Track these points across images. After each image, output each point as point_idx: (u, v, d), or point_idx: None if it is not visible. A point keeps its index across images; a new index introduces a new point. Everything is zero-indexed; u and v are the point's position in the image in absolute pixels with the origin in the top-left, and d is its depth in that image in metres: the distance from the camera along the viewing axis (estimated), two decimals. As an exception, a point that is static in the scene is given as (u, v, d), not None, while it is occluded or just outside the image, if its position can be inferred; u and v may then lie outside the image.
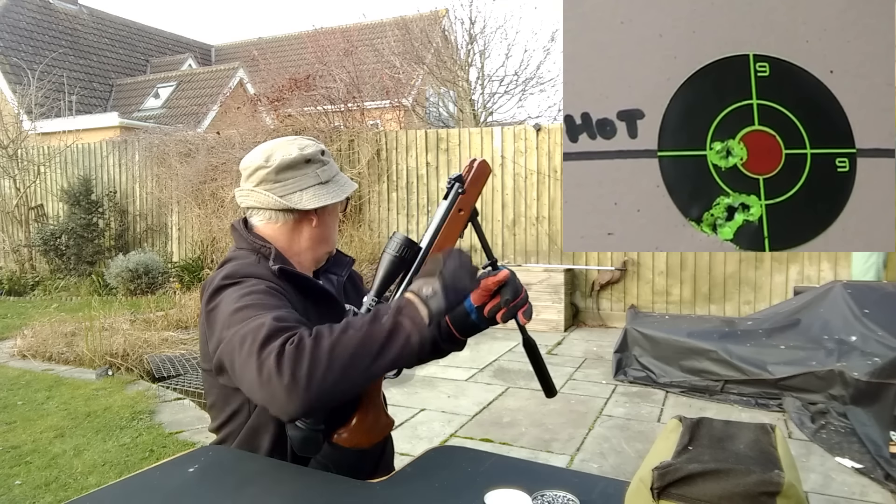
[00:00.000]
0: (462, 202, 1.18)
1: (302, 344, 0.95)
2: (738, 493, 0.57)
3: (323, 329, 0.99)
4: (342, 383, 0.95)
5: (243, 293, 1.12)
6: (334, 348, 0.96)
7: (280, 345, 0.95)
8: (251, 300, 1.09)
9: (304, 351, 0.94)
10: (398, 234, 1.16)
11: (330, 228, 1.35)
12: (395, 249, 1.14)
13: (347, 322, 1.01)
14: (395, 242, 1.14)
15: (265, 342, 0.97)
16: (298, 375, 0.93)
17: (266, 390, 0.94)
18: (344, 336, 0.98)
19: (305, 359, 0.94)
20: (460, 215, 1.19)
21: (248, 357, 0.97)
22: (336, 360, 0.95)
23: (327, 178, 1.31)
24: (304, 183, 1.29)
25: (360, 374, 0.97)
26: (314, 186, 1.29)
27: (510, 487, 0.91)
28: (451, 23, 10.75)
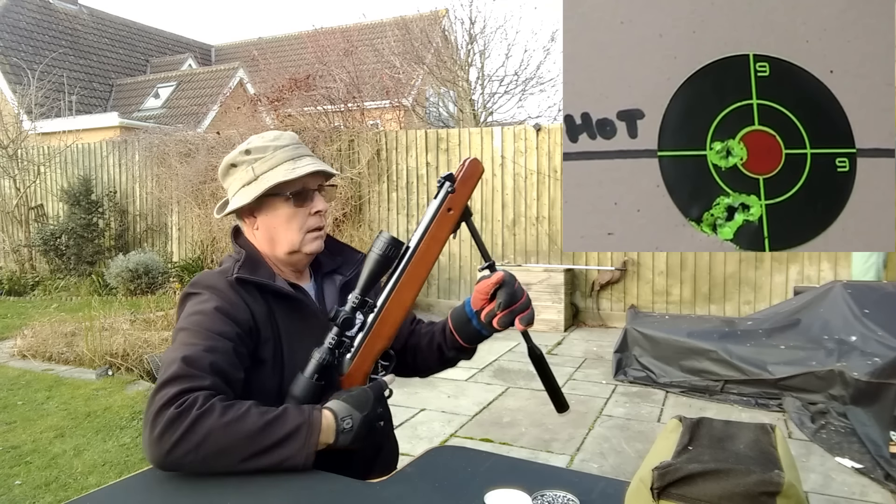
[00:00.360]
0: (452, 201, 1.16)
1: (184, 415, 0.98)
2: (738, 493, 0.57)
3: (216, 407, 1.01)
4: (201, 466, 0.99)
5: (192, 311, 1.17)
6: (210, 435, 0.98)
7: (170, 398, 1.00)
8: (191, 322, 1.14)
9: (182, 423, 0.98)
10: (384, 233, 1.16)
11: (274, 229, 1.27)
12: (381, 249, 1.13)
13: (247, 410, 1.02)
14: (381, 242, 1.14)
15: (163, 385, 1.03)
16: (165, 440, 0.98)
17: (144, 428, 1.01)
18: (228, 428, 0.99)
19: (179, 431, 0.98)
20: (450, 215, 1.16)
21: (152, 391, 1.04)
22: (206, 447, 0.98)
23: (250, 179, 1.26)
24: (235, 187, 1.29)
25: (224, 466, 1.00)
26: (241, 190, 1.27)
27: (510, 487, 0.91)
28: (451, 23, 10.75)
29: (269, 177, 1.24)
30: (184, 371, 1.04)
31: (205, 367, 1.06)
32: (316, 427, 1.03)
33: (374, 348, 1.16)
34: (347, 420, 1.06)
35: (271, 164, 1.25)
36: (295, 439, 1.01)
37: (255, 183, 1.25)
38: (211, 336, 1.12)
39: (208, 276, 1.24)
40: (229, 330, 1.14)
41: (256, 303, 1.20)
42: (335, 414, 1.06)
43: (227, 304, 1.17)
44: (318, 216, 1.28)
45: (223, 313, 1.15)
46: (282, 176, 1.23)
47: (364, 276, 1.14)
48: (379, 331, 1.16)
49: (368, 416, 1.08)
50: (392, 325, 1.17)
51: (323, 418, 1.05)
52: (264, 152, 1.26)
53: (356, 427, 1.06)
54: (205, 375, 1.05)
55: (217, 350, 1.10)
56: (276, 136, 1.30)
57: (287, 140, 1.29)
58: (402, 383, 1.38)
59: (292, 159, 1.26)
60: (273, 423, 1.01)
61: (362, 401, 1.09)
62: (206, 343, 1.10)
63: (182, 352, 1.08)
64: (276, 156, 1.26)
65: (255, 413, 1.02)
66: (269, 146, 1.27)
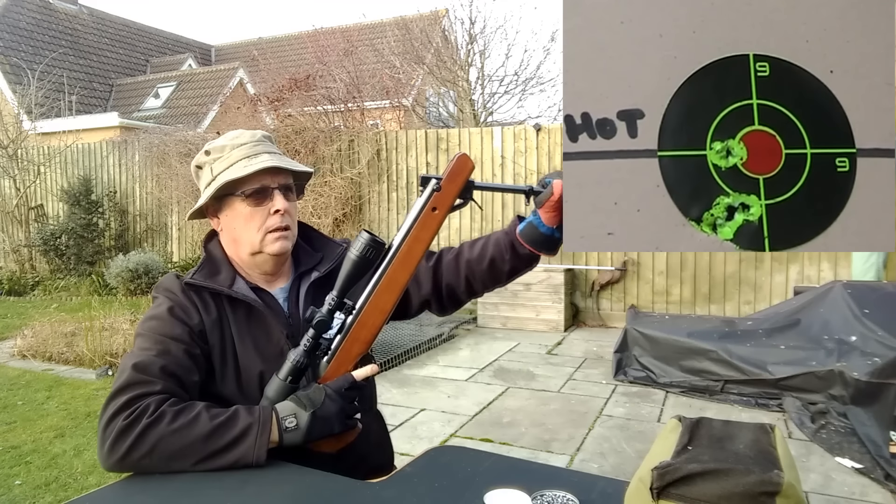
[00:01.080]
0: (437, 200, 1.11)
1: (134, 424, 1.01)
2: (738, 493, 0.57)
3: (165, 414, 1.03)
4: (155, 469, 1.02)
5: (148, 315, 1.19)
6: (160, 442, 1.01)
7: (119, 407, 1.03)
8: (146, 328, 1.16)
9: (132, 433, 1.01)
10: (364, 233, 1.10)
11: (235, 230, 1.24)
12: (359, 250, 1.09)
13: (197, 415, 1.04)
14: (360, 243, 1.09)
15: (114, 395, 1.05)
16: (116, 450, 1.01)
17: (98, 438, 1.04)
18: (178, 434, 1.01)
19: (128, 440, 1.00)
20: (434, 214, 1.11)
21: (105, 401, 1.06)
22: (157, 453, 1.01)
23: (209, 180, 1.24)
24: (202, 187, 1.27)
25: (178, 469, 1.02)
26: (204, 191, 1.25)
27: (510, 487, 0.91)
28: (451, 23, 10.75)
29: (224, 176, 1.21)
30: (134, 378, 1.06)
31: (156, 373, 1.08)
32: (266, 426, 1.04)
33: (351, 352, 1.12)
34: (290, 419, 1.05)
35: (227, 162, 1.22)
36: (245, 440, 1.02)
37: (214, 183, 1.22)
38: (163, 340, 1.13)
39: (167, 279, 1.25)
40: (181, 332, 1.15)
41: (207, 308, 1.20)
42: (277, 415, 1.06)
43: (179, 308, 1.18)
44: (279, 215, 1.23)
45: (175, 316, 1.16)
46: (233, 174, 1.19)
47: (341, 277, 1.10)
48: (357, 334, 1.12)
49: (322, 413, 1.06)
50: (371, 328, 1.12)
51: (272, 417, 1.06)
52: (222, 151, 1.24)
53: (304, 425, 1.05)
54: (156, 381, 1.07)
55: (169, 353, 1.11)
56: (235, 136, 1.27)
57: (246, 138, 1.26)
58: (402, 383, 1.38)
59: (248, 157, 1.22)
60: (223, 427, 1.03)
61: (313, 398, 1.07)
62: (158, 348, 1.12)
63: (134, 359, 1.10)
64: (233, 154, 1.23)
65: (206, 417, 1.04)
66: (227, 145, 1.25)
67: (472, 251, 1.28)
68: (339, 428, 1.08)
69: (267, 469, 1.06)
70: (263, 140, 1.27)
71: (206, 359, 1.17)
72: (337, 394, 1.08)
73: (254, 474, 1.03)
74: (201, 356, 1.16)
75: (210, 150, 1.26)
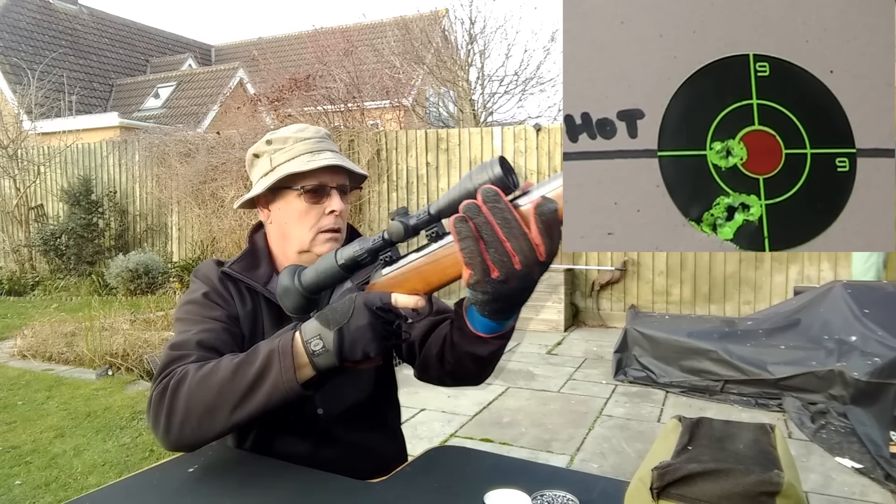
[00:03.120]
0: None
1: (164, 392, 0.99)
2: (738, 493, 0.57)
3: (189, 371, 1.00)
4: (200, 432, 0.97)
5: (185, 300, 1.18)
6: (190, 399, 0.97)
7: (156, 385, 1.01)
8: (185, 312, 1.15)
9: (164, 400, 0.98)
10: (495, 164, 0.79)
11: (286, 224, 1.20)
12: (481, 180, 0.79)
13: (218, 361, 1.00)
14: (487, 175, 0.79)
15: (154, 379, 1.04)
16: (158, 423, 0.99)
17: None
18: (203, 384, 0.97)
19: (164, 409, 0.98)
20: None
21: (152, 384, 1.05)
22: (191, 411, 0.96)
23: (267, 170, 1.20)
24: (255, 177, 1.24)
25: (221, 424, 0.96)
26: (259, 181, 1.22)
27: (510, 487, 0.91)
28: (451, 23, 10.75)
29: (284, 168, 1.18)
30: (170, 357, 1.05)
31: (191, 346, 1.06)
32: (287, 350, 0.92)
33: (412, 280, 0.89)
34: (315, 341, 0.91)
35: (289, 155, 1.19)
36: (270, 370, 0.93)
37: (271, 174, 1.19)
38: (200, 320, 1.12)
39: (206, 265, 1.24)
40: (219, 314, 1.14)
41: (243, 300, 1.19)
42: (302, 337, 0.92)
43: (215, 293, 1.17)
44: (334, 216, 1.19)
45: (211, 300, 1.16)
46: (295, 167, 1.16)
47: (450, 196, 0.82)
48: (428, 268, 0.87)
49: (351, 328, 0.88)
50: (439, 276, 0.87)
51: (294, 341, 0.93)
52: (284, 143, 1.20)
53: (332, 346, 0.89)
54: (190, 353, 1.05)
55: (207, 329, 1.10)
56: (300, 129, 1.23)
57: (311, 133, 1.23)
58: (402, 383, 1.38)
59: (311, 152, 1.19)
60: (244, 363, 0.96)
61: (339, 311, 0.90)
62: (196, 327, 1.11)
63: (171, 342, 1.09)
64: (296, 147, 1.19)
65: (227, 360, 0.99)
66: (291, 137, 1.21)
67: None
68: (373, 348, 0.89)
69: (267, 469, 1.06)
70: (326, 138, 1.25)
71: (240, 345, 1.14)
72: (367, 307, 0.89)
73: (254, 474, 1.03)
74: (239, 336, 1.15)
75: (272, 139, 1.22)
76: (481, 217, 0.76)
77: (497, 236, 0.76)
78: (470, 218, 0.76)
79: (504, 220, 0.75)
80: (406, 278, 0.90)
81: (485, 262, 0.77)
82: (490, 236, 0.76)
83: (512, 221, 0.75)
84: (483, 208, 0.76)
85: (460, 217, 0.76)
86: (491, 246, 0.76)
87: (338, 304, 0.92)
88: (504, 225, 0.75)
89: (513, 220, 0.75)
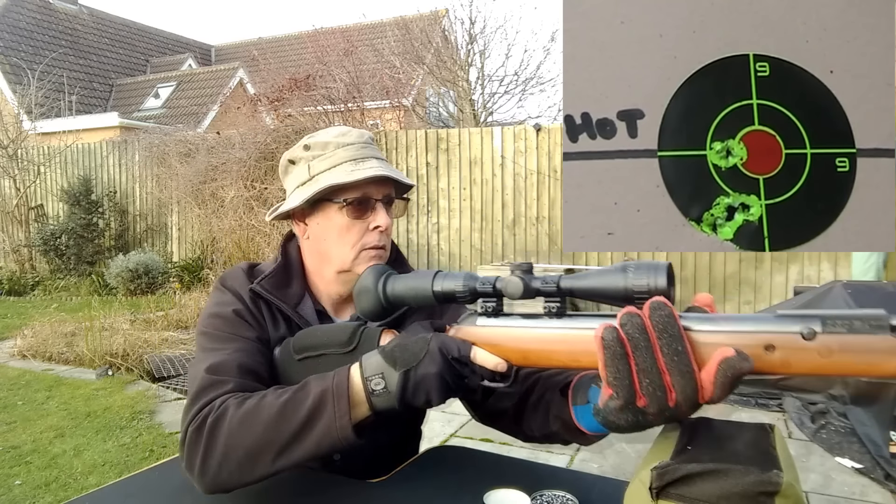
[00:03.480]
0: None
1: (200, 430, 0.87)
2: (737, 493, 0.57)
3: (229, 407, 0.87)
4: (241, 476, 0.86)
5: (214, 311, 1.05)
6: (230, 439, 0.85)
7: (190, 421, 0.89)
8: (213, 326, 1.02)
9: (200, 440, 0.87)
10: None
11: (325, 240, 1.08)
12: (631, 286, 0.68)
13: (262, 397, 0.87)
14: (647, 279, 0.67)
15: (188, 407, 0.91)
16: (193, 462, 0.87)
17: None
18: (245, 424, 0.85)
19: (200, 449, 0.86)
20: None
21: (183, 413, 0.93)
22: (231, 454, 0.85)
23: (305, 179, 1.07)
24: (291, 187, 1.12)
25: (263, 469, 0.85)
26: (295, 190, 1.09)
27: (510, 487, 0.91)
28: (451, 23, 10.75)
29: (325, 178, 1.05)
30: (206, 382, 0.92)
31: (229, 369, 0.94)
32: (343, 390, 0.83)
33: (509, 346, 0.79)
34: (376, 379, 0.82)
35: (330, 163, 1.06)
36: (322, 412, 0.82)
37: (310, 184, 1.06)
38: (233, 337, 1.00)
39: (235, 276, 1.10)
40: (251, 334, 1.03)
41: (275, 322, 1.07)
42: (362, 373, 0.83)
43: (247, 313, 1.05)
44: (378, 232, 1.07)
45: (242, 318, 1.04)
46: (338, 178, 1.03)
47: (588, 281, 0.72)
48: (535, 345, 0.76)
49: (418, 374, 0.80)
50: (543, 359, 0.77)
51: (350, 379, 0.84)
52: (324, 149, 1.07)
53: (395, 388, 0.80)
54: (227, 379, 0.92)
55: (241, 350, 0.98)
56: (342, 133, 1.10)
57: (353, 138, 1.09)
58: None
59: (354, 160, 1.06)
60: (292, 402, 0.84)
61: (410, 350, 0.81)
62: (229, 346, 0.98)
63: (205, 361, 0.96)
64: (337, 154, 1.06)
65: (272, 397, 0.87)
66: (332, 142, 1.08)
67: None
68: (437, 398, 0.81)
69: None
70: (370, 143, 1.11)
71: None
72: (441, 354, 0.80)
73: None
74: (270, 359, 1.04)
75: (310, 144, 1.09)
76: (642, 338, 0.62)
77: (657, 366, 0.62)
78: (626, 334, 0.62)
79: (672, 351, 0.61)
80: (503, 341, 0.80)
81: (632, 388, 0.63)
82: (647, 364, 0.62)
83: (682, 355, 0.61)
84: (648, 327, 0.62)
85: (612, 329, 0.63)
86: (645, 374, 0.62)
87: (408, 343, 0.83)
88: (670, 356, 0.62)
89: (683, 353, 0.61)
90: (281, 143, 7.57)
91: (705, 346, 0.63)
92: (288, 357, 0.99)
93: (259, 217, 7.40)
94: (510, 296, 0.77)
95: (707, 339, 0.63)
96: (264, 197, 7.54)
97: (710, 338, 0.63)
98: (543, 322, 0.77)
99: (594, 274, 0.71)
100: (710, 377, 0.61)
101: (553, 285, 0.75)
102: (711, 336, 0.63)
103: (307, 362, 0.95)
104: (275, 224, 7.29)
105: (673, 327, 0.62)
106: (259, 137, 7.67)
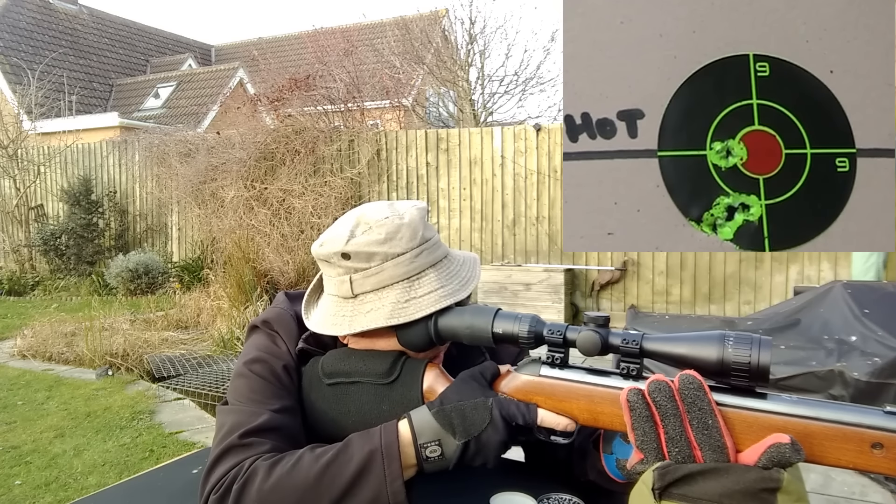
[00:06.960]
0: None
1: (226, 496, 0.77)
2: (739, 491, 0.57)
3: (258, 471, 0.77)
4: None
5: (254, 357, 0.93)
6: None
7: (212, 488, 0.79)
8: (251, 371, 0.91)
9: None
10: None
11: (373, 346, 0.91)
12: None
13: (298, 459, 0.77)
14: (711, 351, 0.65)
15: (211, 467, 0.82)
16: None
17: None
18: (276, 490, 0.75)
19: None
20: None
21: (204, 473, 0.83)
22: None
23: (347, 295, 0.89)
24: (329, 289, 0.94)
25: None
26: (334, 301, 0.93)
27: (516, 491, 0.91)
28: (451, 23, 10.76)
29: (371, 306, 0.87)
30: (236, 442, 0.82)
31: (267, 432, 0.84)
32: (394, 453, 0.76)
33: (578, 405, 0.75)
34: (433, 447, 0.76)
35: (377, 282, 0.87)
36: (369, 474, 0.75)
37: (353, 304, 0.89)
38: (278, 394, 0.90)
39: (287, 323, 0.98)
40: (295, 396, 0.92)
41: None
42: (415, 437, 0.77)
43: (295, 370, 0.94)
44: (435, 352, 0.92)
45: (290, 375, 0.93)
46: (387, 318, 0.84)
47: (673, 346, 0.70)
48: (608, 409, 0.73)
49: (480, 443, 0.75)
50: (615, 423, 0.73)
51: (401, 440, 0.77)
52: (369, 261, 0.87)
53: (452, 456, 0.76)
54: (262, 441, 0.82)
55: (285, 410, 0.88)
56: (388, 233, 0.87)
57: (404, 244, 0.87)
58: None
59: (408, 279, 0.87)
60: (333, 464, 0.76)
61: (471, 419, 0.75)
62: (274, 402, 0.88)
63: (239, 415, 0.86)
64: (386, 271, 0.87)
65: (309, 459, 0.77)
66: (377, 253, 0.87)
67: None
68: (493, 461, 0.77)
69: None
70: (424, 242, 0.90)
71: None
72: (505, 421, 0.75)
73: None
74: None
75: (350, 253, 0.87)
76: (670, 406, 0.62)
77: (685, 436, 0.62)
78: (654, 401, 0.62)
79: (702, 425, 0.61)
80: (570, 398, 0.75)
81: (660, 454, 0.63)
82: (675, 433, 0.62)
83: (712, 430, 0.61)
84: (677, 398, 0.62)
85: (637, 391, 0.63)
86: (674, 444, 0.62)
87: (467, 408, 0.76)
88: (700, 430, 0.61)
89: (714, 428, 0.61)
90: (281, 143, 7.58)
91: (759, 426, 0.62)
92: (316, 379, 0.91)
93: (259, 217, 7.40)
94: (584, 352, 0.75)
95: (765, 420, 0.62)
96: (264, 197, 7.54)
97: (768, 420, 0.62)
98: (617, 382, 0.74)
99: (684, 339, 0.67)
100: (754, 459, 0.60)
101: (635, 346, 0.72)
102: (770, 418, 0.62)
103: (338, 388, 0.88)
104: (275, 224, 7.29)
105: (703, 400, 0.61)
106: (259, 137, 7.68)
